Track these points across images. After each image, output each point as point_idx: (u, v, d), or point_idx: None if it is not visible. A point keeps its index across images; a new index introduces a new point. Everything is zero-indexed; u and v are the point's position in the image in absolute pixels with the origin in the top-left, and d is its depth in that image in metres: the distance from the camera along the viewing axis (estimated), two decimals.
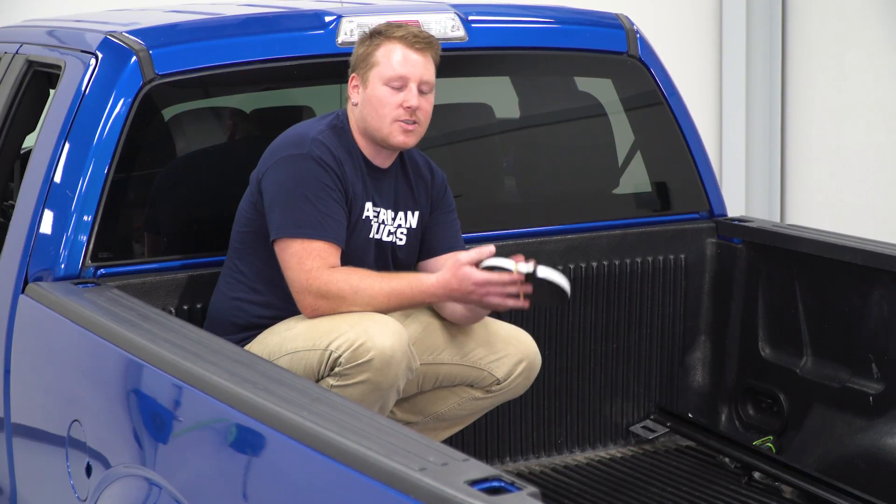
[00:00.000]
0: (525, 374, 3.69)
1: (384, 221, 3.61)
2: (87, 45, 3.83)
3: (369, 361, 3.30)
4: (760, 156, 8.31)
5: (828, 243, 4.08)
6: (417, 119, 3.54)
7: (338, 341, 3.32)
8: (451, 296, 3.44)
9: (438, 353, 3.62)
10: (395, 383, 3.37)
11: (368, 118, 3.54)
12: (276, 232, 3.45)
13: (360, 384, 3.32)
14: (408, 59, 3.52)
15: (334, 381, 3.34)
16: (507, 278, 3.38)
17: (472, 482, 2.23)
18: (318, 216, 3.43)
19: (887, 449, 3.88)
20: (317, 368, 3.36)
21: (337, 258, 3.45)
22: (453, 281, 3.41)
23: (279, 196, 3.46)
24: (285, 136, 3.56)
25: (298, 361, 3.39)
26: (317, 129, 3.54)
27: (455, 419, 3.77)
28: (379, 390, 3.34)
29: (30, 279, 3.63)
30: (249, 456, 2.70)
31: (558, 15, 4.44)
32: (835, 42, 7.99)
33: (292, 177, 3.46)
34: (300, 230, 3.42)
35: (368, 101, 3.54)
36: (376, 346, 3.30)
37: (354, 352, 3.30)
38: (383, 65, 3.52)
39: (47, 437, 3.49)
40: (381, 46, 3.54)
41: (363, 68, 3.56)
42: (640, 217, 4.41)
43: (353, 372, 3.32)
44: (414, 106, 3.51)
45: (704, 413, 4.44)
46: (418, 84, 3.53)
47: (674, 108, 4.39)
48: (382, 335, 3.31)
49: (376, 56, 3.53)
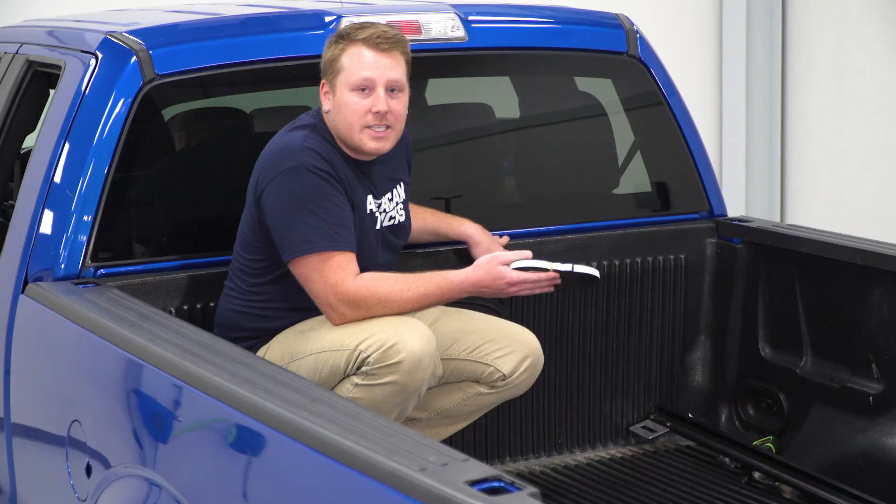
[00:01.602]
0: (530, 370, 3.70)
1: (385, 209, 3.62)
2: (87, 45, 3.83)
3: (399, 363, 3.30)
4: (760, 156, 8.31)
5: (828, 243, 4.08)
6: (389, 122, 3.48)
7: (368, 341, 3.32)
8: (481, 291, 3.50)
9: (446, 348, 3.62)
10: (420, 387, 3.37)
11: (339, 126, 3.49)
12: (291, 252, 3.41)
13: (387, 385, 3.32)
14: (371, 61, 3.45)
15: (360, 379, 3.33)
16: (541, 276, 3.48)
17: (472, 482, 2.23)
18: (329, 228, 3.40)
19: (887, 449, 3.88)
20: (344, 369, 3.36)
21: (356, 264, 3.43)
22: (486, 278, 3.47)
23: (285, 215, 3.41)
24: (271, 151, 3.49)
25: (325, 361, 3.38)
26: (301, 136, 3.48)
27: (459, 416, 3.78)
28: (404, 392, 3.35)
29: (30, 279, 3.63)
30: (249, 456, 2.70)
31: (558, 15, 4.44)
32: (835, 42, 7.99)
33: (293, 193, 3.41)
34: (314, 246, 3.39)
35: (338, 108, 3.49)
36: (407, 349, 3.30)
37: (385, 352, 3.30)
38: (348, 70, 3.46)
39: (47, 437, 3.49)
40: (345, 51, 3.48)
41: (331, 74, 3.50)
42: (640, 217, 4.41)
43: (381, 372, 3.32)
44: (382, 110, 3.45)
45: (704, 413, 4.44)
46: (385, 86, 3.46)
47: (674, 108, 4.39)
48: (413, 338, 3.32)
49: (341, 61, 3.47)
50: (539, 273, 3.48)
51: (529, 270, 3.49)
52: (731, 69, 8.32)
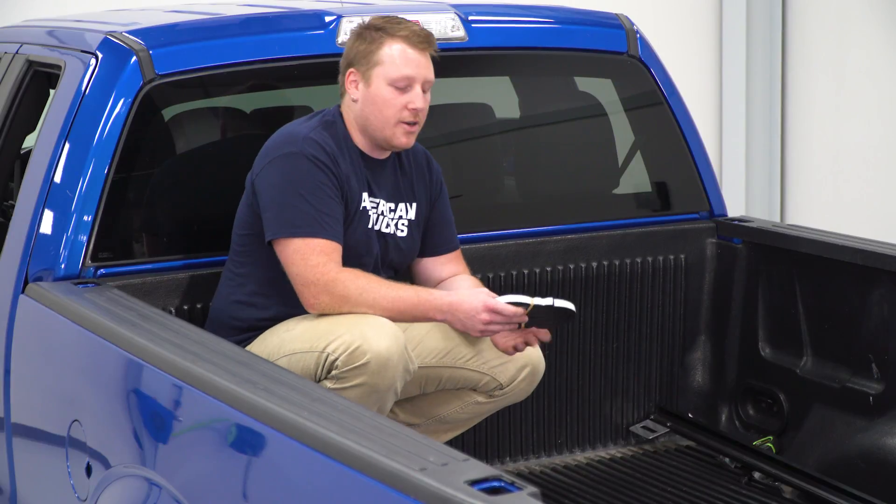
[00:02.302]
0: (528, 379, 3.69)
1: (383, 213, 3.61)
2: (87, 45, 3.83)
3: (365, 364, 3.30)
4: (760, 156, 8.31)
5: (828, 243, 4.08)
6: (418, 119, 3.55)
7: (334, 344, 3.32)
8: (455, 316, 3.45)
9: (442, 355, 3.61)
10: (392, 385, 3.36)
11: (371, 117, 3.53)
12: (275, 232, 3.44)
13: (357, 387, 3.32)
14: (413, 59, 3.51)
15: (331, 383, 3.33)
16: (515, 313, 3.42)
17: (472, 482, 2.24)
18: (316, 214, 3.42)
19: (887, 449, 3.88)
20: (314, 371, 3.36)
21: (338, 255, 3.44)
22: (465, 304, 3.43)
23: (275, 196, 3.45)
24: (276, 136, 3.55)
25: (296, 363, 3.38)
26: (308, 127, 3.53)
27: (456, 422, 3.77)
28: (376, 393, 3.34)
29: (30, 279, 3.63)
30: (249, 456, 2.70)
31: (558, 15, 4.44)
32: (835, 42, 8.00)
33: (286, 176, 3.44)
34: (299, 229, 3.42)
35: (372, 100, 3.52)
36: (372, 349, 3.30)
37: (350, 355, 3.30)
38: (388, 64, 3.50)
39: (47, 437, 3.49)
40: (384, 44, 3.51)
41: (364, 65, 3.53)
42: (640, 217, 4.41)
43: (349, 375, 3.31)
44: (420, 108, 3.52)
45: (704, 413, 4.44)
46: (422, 85, 3.53)
47: (674, 108, 4.39)
48: (378, 338, 3.31)
49: (379, 55, 3.51)
50: (515, 309, 3.43)
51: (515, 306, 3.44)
52: (731, 69, 8.32)
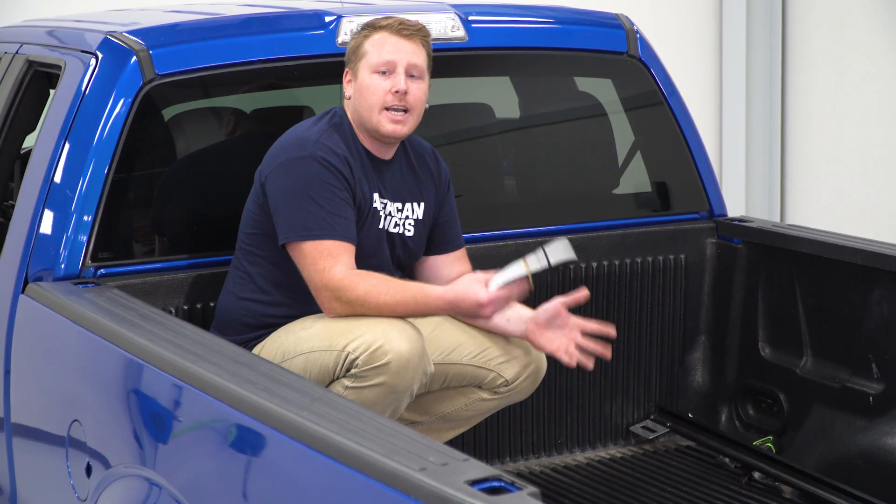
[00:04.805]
0: (532, 376, 3.70)
1: (391, 213, 3.61)
2: (87, 45, 3.83)
3: (386, 364, 3.30)
4: (760, 156, 8.31)
5: (828, 243, 4.08)
6: (408, 105, 3.51)
7: (355, 343, 3.32)
8: (457, 309, 3.48)
9: (448, 352, 3.62)
10: (410, 387, 3.37)
11: (360, 108, 3.54)
12: (287, 235, 3.44)
13: (376, 387, 3.32)
14: (394, 44, 3.51)
15: (350, 382, 3.34)
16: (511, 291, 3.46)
17: (472, 482, 2.24)
18: (326, 216, 3.42)
19: (887, 449, 3.88)
20: (332, 369, 3.36)
21: (351, 256, 3.44)
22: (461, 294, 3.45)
23: (285, 200, 3.45)
24: (287, 138, 3.55)
25: (314, 361, 3.38)
26: (318, 130, 3.53)
27: (460, 420, 3.78)
28: (394, 393, 3.35)
29: (30, 279, 3.63)
30: (249, 456, 2.70)
31: (558, 15, 4.44)
32: (835, 42, 8.00)
33: (297, 180, 3.44)
34: (309, 232, 3.42)
35: (359, 91, 3.53)
36: (394, 350, 3.30)
37: (372, 354, 3.30)
38: (370, 53, 3.52)
39: (47, 437, 3.49)
40: (369, 37, 3.54)
41: (354, 61, 3.56)
42: (640, 217, 4.41)
43: (369, 374, 3.32)
44: (402, 89, 3.49)
45: (704, 413, 4.44)
46: (406, 68, 3.51)
47: (674, 108, 4.39)
48: (400, 339, 3.32)
49: (364, 47, 3.53)
50: (510, 287, 3.45)
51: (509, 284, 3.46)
52: (731, 69, 8.32)
